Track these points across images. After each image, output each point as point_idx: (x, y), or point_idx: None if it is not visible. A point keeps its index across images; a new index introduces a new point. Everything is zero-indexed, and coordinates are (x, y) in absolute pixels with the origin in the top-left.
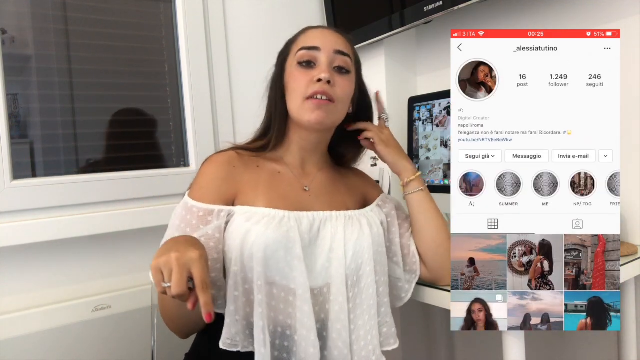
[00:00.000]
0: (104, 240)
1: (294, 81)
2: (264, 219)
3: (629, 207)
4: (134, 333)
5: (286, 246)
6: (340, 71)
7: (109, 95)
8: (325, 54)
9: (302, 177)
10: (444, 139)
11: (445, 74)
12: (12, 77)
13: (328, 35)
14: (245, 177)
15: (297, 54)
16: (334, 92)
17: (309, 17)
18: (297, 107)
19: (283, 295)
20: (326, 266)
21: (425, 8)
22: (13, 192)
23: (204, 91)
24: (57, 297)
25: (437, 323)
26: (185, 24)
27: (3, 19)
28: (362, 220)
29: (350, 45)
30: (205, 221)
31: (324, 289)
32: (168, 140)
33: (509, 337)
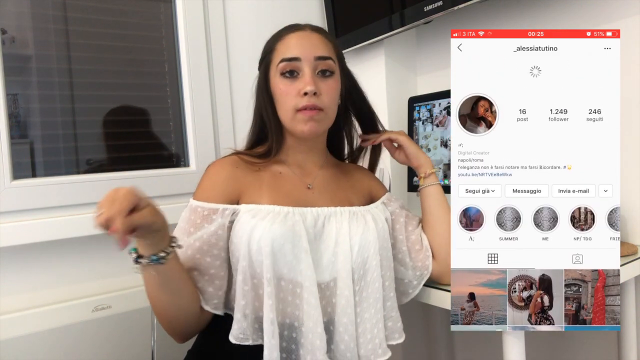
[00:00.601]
0: (104, 240)
1: (281, 94)
2: (269, 214)
3: (629, 207)
4: (134, 333)
5: (292, 240)
6: (324, 74)
7: (109, 95)
8: (307, 63)
9: (304, 176)
10: (444, 139)
11: (445, 74)
12: (12, 77)
13: (306, 41)
14: (249, 178)
15: (278, 65)
16: (321, 101)
17: (309, 17)
18: (289, 119)
19: (291, 288)
20: (332, 260)
21: (425, 8)
22: (13, 192)
23: (204, 91)
24: (57, 297)
25: (437, 323)
26: (185, 24)
27: (3, 19)
28: (366, 216)
29: (330, 42)
30: (210, 219)
31: (330, 284)
32: (168, 140)
33: (509, 337)
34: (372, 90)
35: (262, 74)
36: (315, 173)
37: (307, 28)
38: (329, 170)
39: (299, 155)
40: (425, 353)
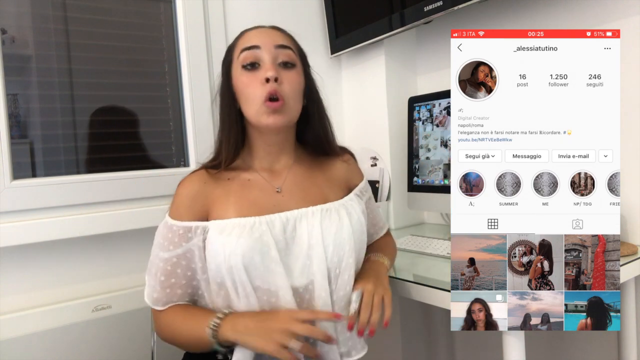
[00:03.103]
0: (104, 240)
1: (244, 87)
2: (235, 229)
3: (629, 207)
4: (134, 333)
5: (261, 251)
6: (286, 66)
7: (109, 95)
8: (267, 51)
9: (272, 180)
10: (444, 139)
11: (445, 74)
12: (12, 77)
13: (266, 32)
14: (217, 191)
15: (239, 57)
16: (282, 89)
17: (309, 17)
18: (255, 111)
19: (265, 299)
20: (307, 264)
21: (425, 8)
22: (13, 192)
23: (204, 91)
24: (57, 297)
25: (437, 323)
26: (185, 24)
27: (3, 19)
28: (340, 211)
29: (291, 38)
30: (187, 238)
31: (308, 286)
32: (168, 140)
33: (509, 337)
34: (372, 90)
35: (225, 73)
36: (285, 174)
37: (266, 26)
38: (301, 167)
39: (267, 158)
40: (425, 353)
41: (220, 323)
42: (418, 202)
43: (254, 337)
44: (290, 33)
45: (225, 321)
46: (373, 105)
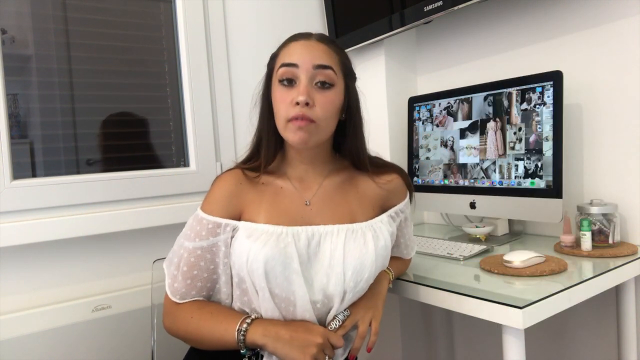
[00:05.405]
0: (104, 240)
1: (276, 102)
2: (262, 235)
3: (629, 207)
4: (134, 333)
5: (284, 262)
6: (323, 86)
7: (109, 95)
8: (304, 70)
9: (304, 191)
10: (444, 139)
11: (445, 74)
12: (12, 77)
13: (307, 49)
14: (251, 194)
15: (278, 71)
16: (314, 112)
17: (309, 18)
18: (282, 128)
19: (284, 306)
20: (324, 282)
21: (425, 8)
22: (13, 192)
23: (204, 91)
24: (57, 297)
25: (437, 323)
26: (185, 24)
27: (3, 19)
28: (367, 234)
29: (335, 53)
30: (215, 233)
31: (324, 300)
32: (168, 140)
33: (509, 337)
34: (372, 90)
35: (266, 79)
36: (317, 186)
37: (313, 37)
38: (333, 182)
39: (300, 167)
40: (425, 353)
41: (249, 327)
42: (418, 202)
43: (288, 346)
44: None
45: (255, 325)
46: (373, 105)
